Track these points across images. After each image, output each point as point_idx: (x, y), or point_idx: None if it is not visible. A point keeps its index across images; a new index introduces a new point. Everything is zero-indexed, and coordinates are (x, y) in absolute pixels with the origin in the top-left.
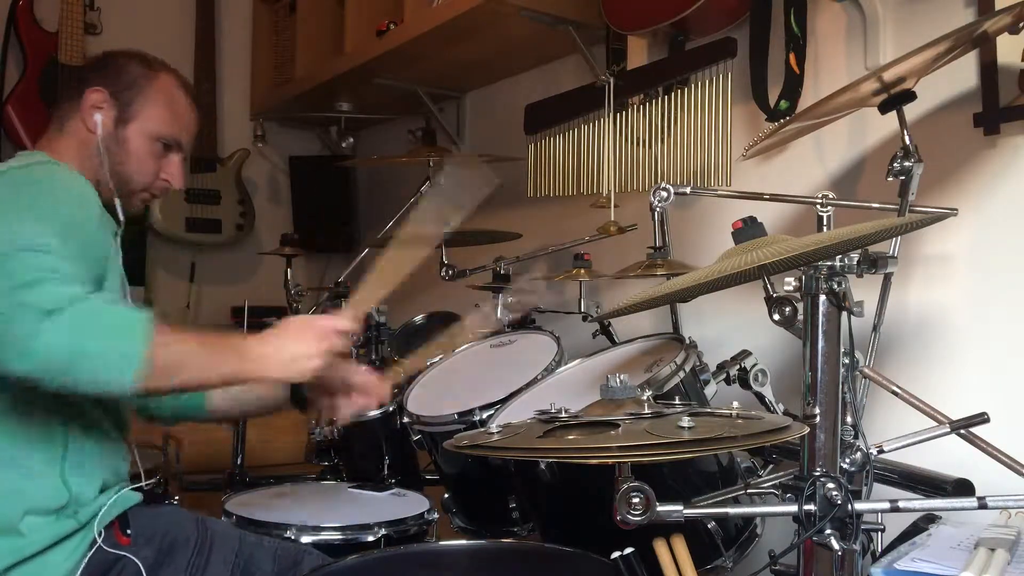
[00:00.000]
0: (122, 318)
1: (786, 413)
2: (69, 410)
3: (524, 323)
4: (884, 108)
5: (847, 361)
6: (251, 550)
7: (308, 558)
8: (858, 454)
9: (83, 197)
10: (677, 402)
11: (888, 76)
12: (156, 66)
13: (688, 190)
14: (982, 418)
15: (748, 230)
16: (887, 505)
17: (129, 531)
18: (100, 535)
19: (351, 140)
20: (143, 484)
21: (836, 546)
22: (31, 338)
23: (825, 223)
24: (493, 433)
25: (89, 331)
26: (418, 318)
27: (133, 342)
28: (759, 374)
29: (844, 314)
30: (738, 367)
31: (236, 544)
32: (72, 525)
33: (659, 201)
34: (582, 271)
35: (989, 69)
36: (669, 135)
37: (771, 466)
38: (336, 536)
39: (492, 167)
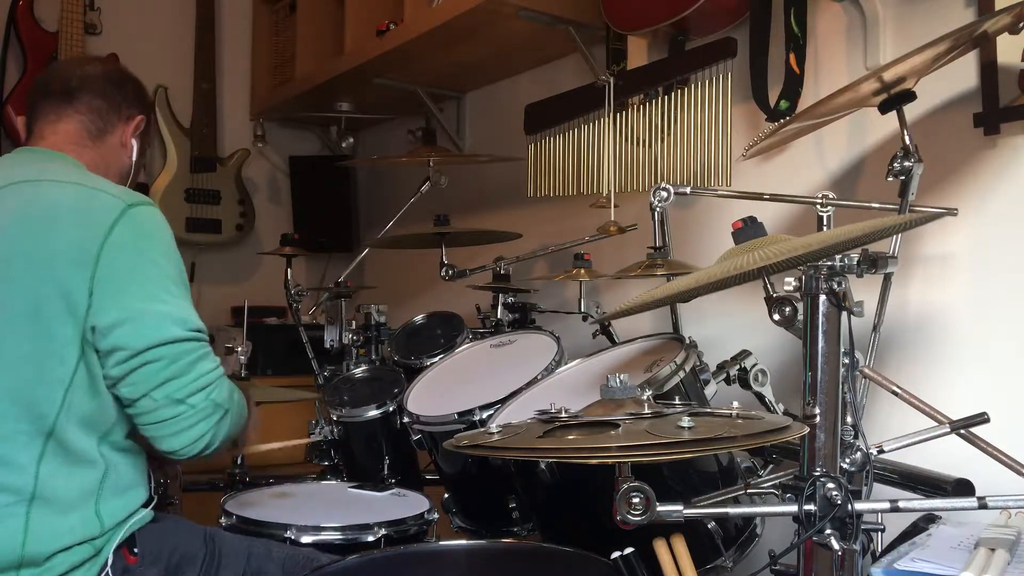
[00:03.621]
0: (242, 403)
1: (786, 413)
2: (115, 438)
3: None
4: (884, 108)
5: (847, 361)
6: (259, 563)
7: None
8: (858, 454)
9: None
10: (677, 402)
11: (888, 76)
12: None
13: (688, 190)
14: (982, 418)
15: (748, 230)
16: (887, 505)
17: (136, 550)
18: (109, 561)
19: (351, 140)
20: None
21: (836, 546)
22: (203, 433)
23: (825, 223)
24: (493, 433)
25: (236, 424)
26: (418, 318)
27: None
28: (759, 374)
29: (844, 314)
30: (738, 367)
31: (244, 558)
32: (90, 551)
33: (659, 201)
34: (582, 271)
35: (989, 69)
36: (669, 135)
37: (771, 466)
38: (336, 536)
39: (492, 167)
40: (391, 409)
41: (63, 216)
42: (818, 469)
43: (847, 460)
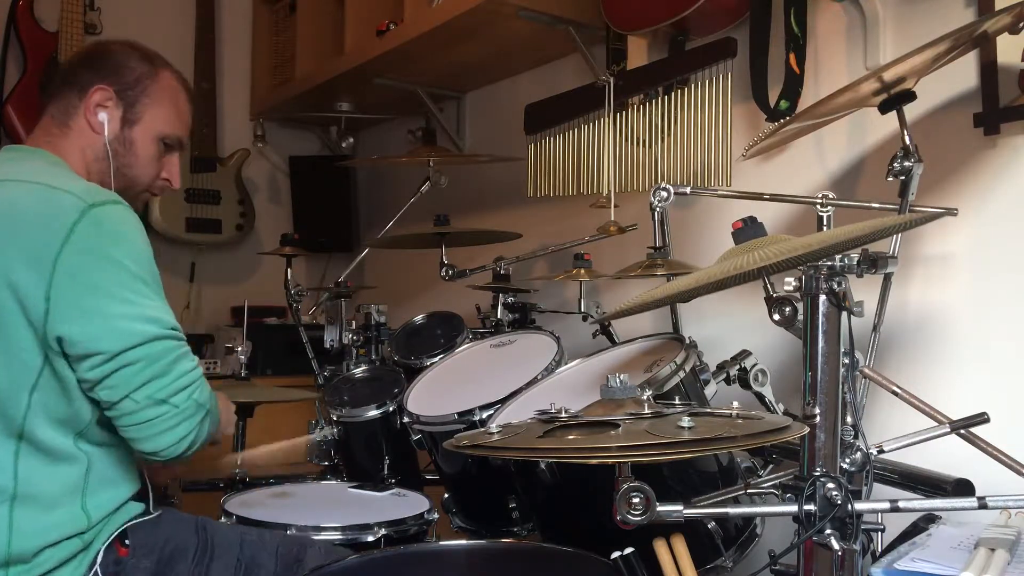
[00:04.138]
0: (215, 402)
1: (786, 413)
2: (93, 435)
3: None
4: (884, 108)
5: (847, 361)
6: (252, 551)
7: (310, 551)
8: (858, 454)
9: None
10: (677, 402)
11: (888, 76)
12: (157, 62)
13: (688, 190)
14: (982, 418)
15: (748, 230)
16: (887, 505)
17: (128, 542)
18: (99, 554)
19: (351, 140)
20: (148, 499)
21: (836, 546)
22: (187, 434)
23: (825, 223)
24: (493, 433)
25: (212, 424)
26: (418, 318)
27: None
28: (759, 374)
29: (844, 314)
30: (738, 367)
31: (237, 547)
32: (79, 545)
33: (659, 201)
34: (582, 271)
35: (989, 69)
36: (669, 135)
37: (771, 466)
38: (336, 536)
39: (492, 167)
40: (391, 409)
41: (22, 218)
42: (818, 469)
43: (847, 460)
